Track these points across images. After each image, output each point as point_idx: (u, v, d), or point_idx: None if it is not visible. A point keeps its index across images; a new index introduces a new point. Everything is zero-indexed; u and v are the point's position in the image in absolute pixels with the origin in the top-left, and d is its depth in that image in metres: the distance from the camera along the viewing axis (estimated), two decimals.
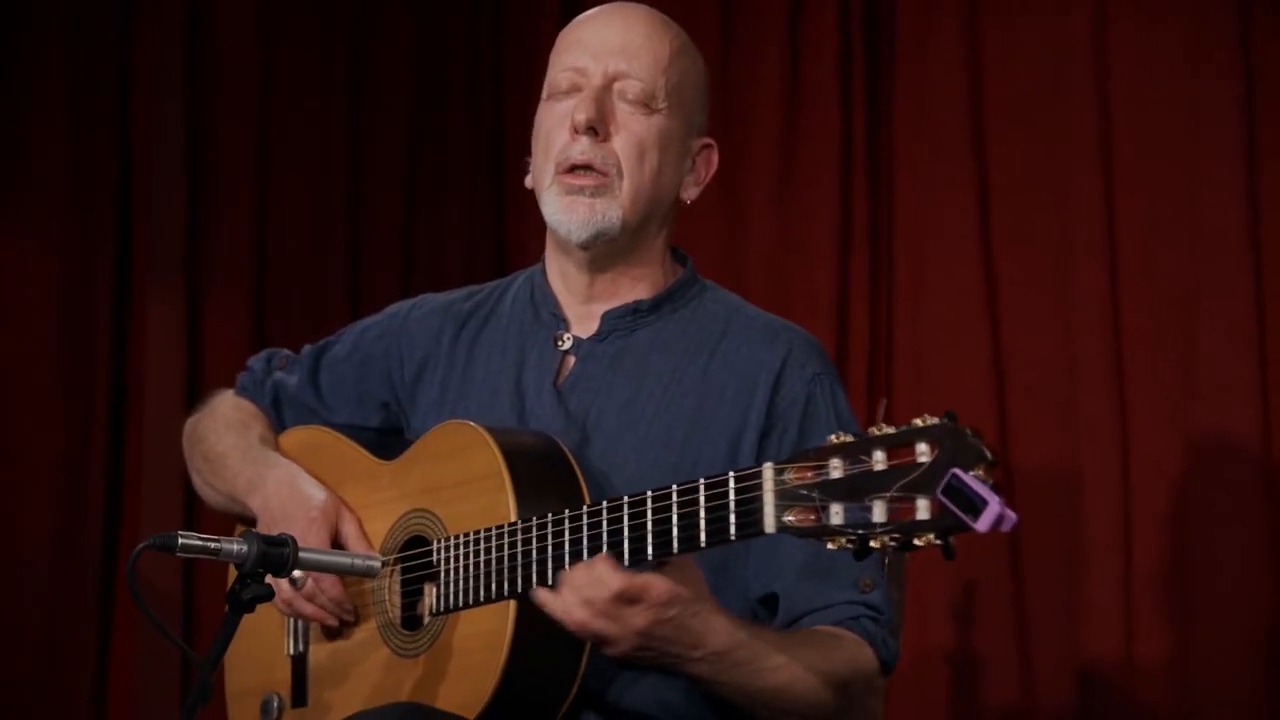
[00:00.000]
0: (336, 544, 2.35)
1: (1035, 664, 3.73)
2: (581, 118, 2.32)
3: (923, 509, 1.75)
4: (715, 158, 2.47)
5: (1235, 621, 3.53)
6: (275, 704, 2.45)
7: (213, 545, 2.09)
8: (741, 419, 2.30)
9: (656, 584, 2.02)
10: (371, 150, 4.38)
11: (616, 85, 2.35)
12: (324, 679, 2.40)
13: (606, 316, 2.40)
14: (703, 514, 1.97)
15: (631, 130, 2.33)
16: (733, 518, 1.94)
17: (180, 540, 2.08)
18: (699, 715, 2.26)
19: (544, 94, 2.42)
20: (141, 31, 4.10)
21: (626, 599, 2.02)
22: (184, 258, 4.10)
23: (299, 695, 2.43)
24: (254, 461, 2.49)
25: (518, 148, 2.50)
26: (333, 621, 2.35)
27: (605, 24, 2.40)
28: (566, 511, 2.11)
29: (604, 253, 2.38)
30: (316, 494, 2.39)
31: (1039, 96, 3.83)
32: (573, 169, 2.33)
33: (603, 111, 2.33)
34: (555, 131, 2.36)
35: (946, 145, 3.90)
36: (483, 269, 4.26)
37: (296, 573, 2.25)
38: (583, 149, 2.33)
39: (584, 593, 2.03)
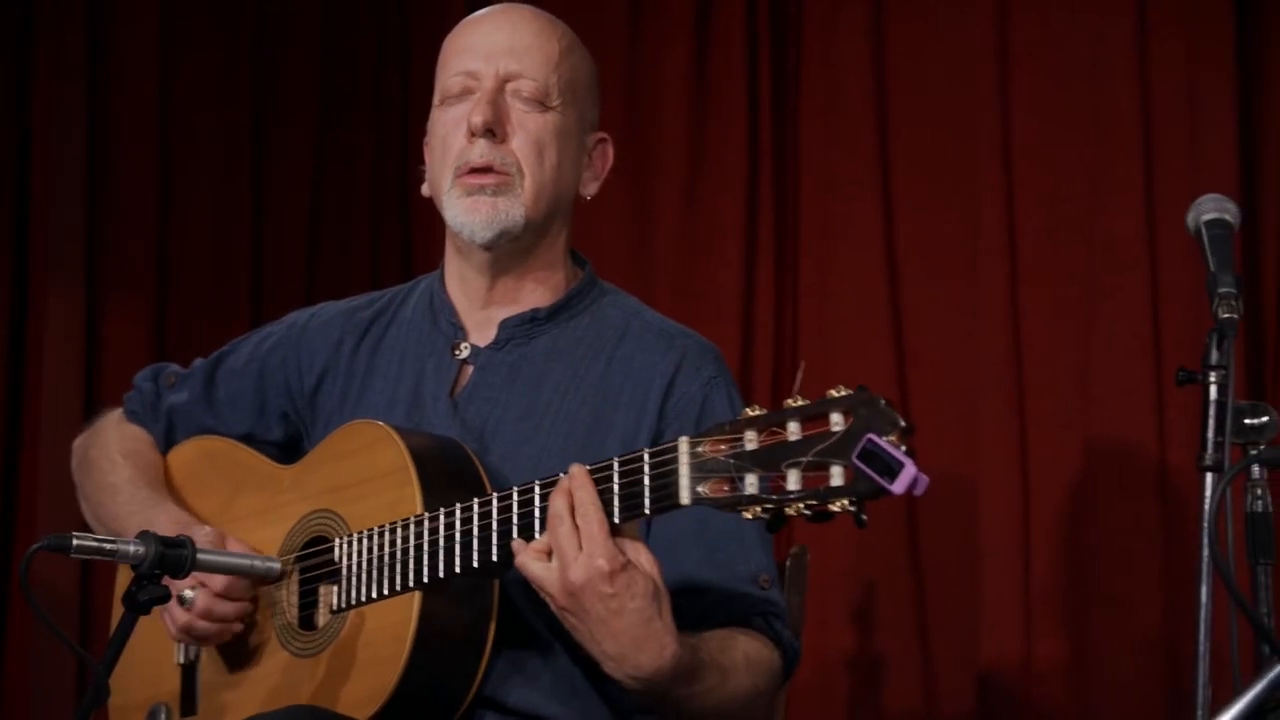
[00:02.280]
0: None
1: (935, 665, 3.75)
2: (478, 120, 2.31)
3: (837, 475, 1.76)
4: (611, 151, 2.47)
5: (1131, 623, 3.57)
6: (163, 715, 2.42)
7: (108, 546, 2.06)
8: (635, 424, 2.30)
9: (607, 545, 1.96)
10: (276, 152, 4.34)
11: (510, 86, 2.34)
12: (217, 686, 2.37)
13: (504, 325, 2.39)
14: (616, 489, 1.97)
15: (528, 129, 2.33)
16: (647, 491, 1.93)
17: (75, 541, 2.05)
18: (596, 715, 2.25)
19: (436, 99, 2.41)
20: (41, 30, 4.05)
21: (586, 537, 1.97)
22: (83, 260, 4.05)
23: (189, 704, 2.40)
24: (142, 503, 2.46)
25: (423, 152, 2.48)
26: (238, 628, 2.32)
27: (493, 26, 2.39)
28: (475, 499, 2.10)
29: (507, 253, 2.37)
30: (204, 529, 2.35)
31: (943, 100, 3.86)
32: (473, 171, 2.32)
33: (499, 113, 2.32)
34: (452, 136, 2.35)
35: (851, 147, 3.93)
36: (389, 272, 4.23)
37: (187, 593, 2.22)
38: (481, 151, 2.32)
39: (556, 515, 1.98)
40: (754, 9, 4.03)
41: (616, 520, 1.97)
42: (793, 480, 1.79)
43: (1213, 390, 2.18)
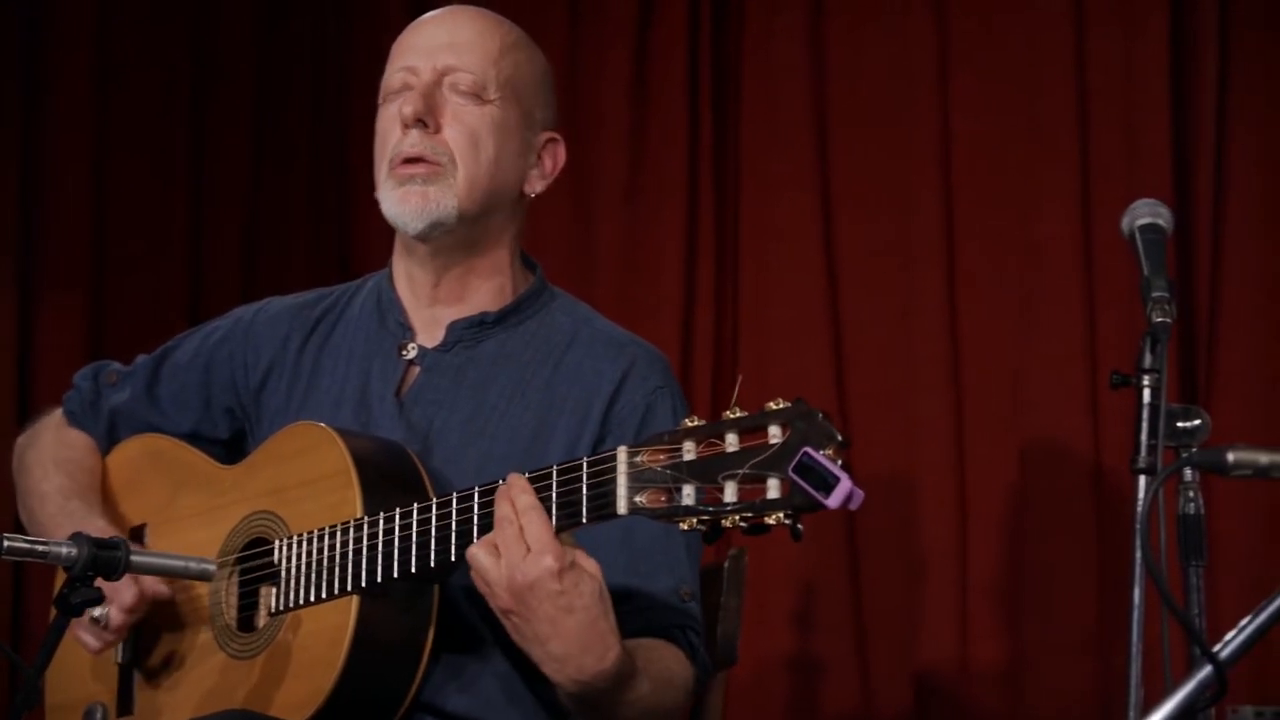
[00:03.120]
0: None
1: (872, 667, 3.77)
2: (408, 110, 2.30)
3: (774, 488, 1.76)
4: (562, 152, 2.45)
5: (1066, 626, 3.60)
6: (99, 714, 2.40)
7: (40, 548, 2.04)
8: (579, 429, 2.29)
9: (556, 546, 1.96)
10: (213, 150, 4.31)
11: (447, 79, 2.33)
12: (154, 687, 2.35)
13: (452, 327, 2.38)
14: (554, 497, 1.97)
15: (463, 120, 2.32)
16: (585, 500, 1.93)
17: (6, 543, 2.03)
18: (535, 717, 2.25)
19: (380, 98, 2.41)
20: None
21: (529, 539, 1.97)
22: (16, 257, 4.01)
23: (125, 704, 2.37)
24: (69, 515, 2.42)
25: (362, 150, 2.47)
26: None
27: (436, 25, 2.40)
28: (415, 504, 2.09)
29: (445, 246, 2.35)
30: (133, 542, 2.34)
31: (881, 104, 3.88)
32: (405, 161, 2.32)
33: (431, 104, 2.32)
34: (389, 131, 2.35)
35: (791, 151, 3.94)
36: (328, 271, 4.21)
37: (96, 611, 2.20)
38: (413, 141, 2.31)
39: (503, 519, 1.98)
40: (695, 12, 4.04)
41: (555, 528, 1.97)
42: (729, 492, 1.79)
43: (1146, 393, 2.19)
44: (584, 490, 1.93)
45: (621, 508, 1.88)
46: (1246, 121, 3.61)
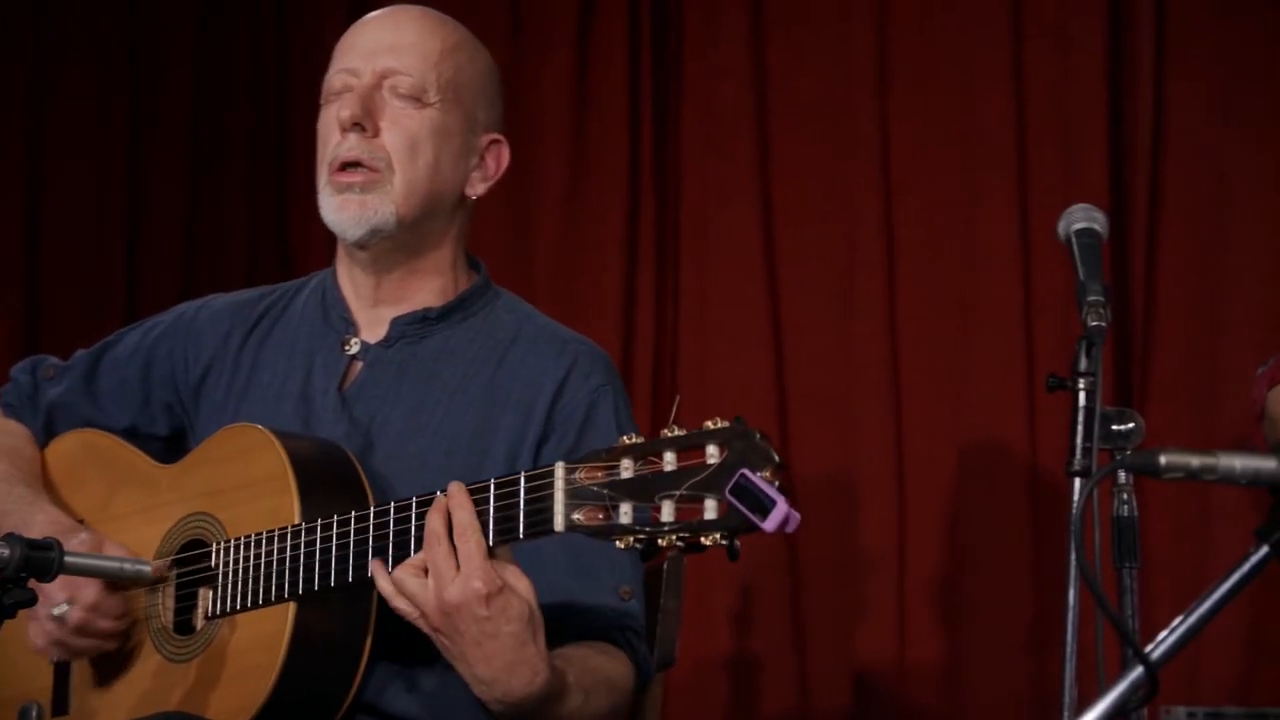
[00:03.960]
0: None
1: (811, 668, 3.78)
2: (346, 114, 2.28)
3: (711, 509, 1.75)
4: (506, 153, 2.44)
5: (1001, 624, 3.63)
6: (34, 713, 2.36)
7: None
8: (522, 427, 2.28)
9: (487, 568, 1.95)
10: (151, 145, 4.29)
11: (387, 82, 2.31)
12: (90, 688, 2.32)
13: (395, 323, 2.37)
14: (492, 513, 1.95)
15: (402, 124, 2.30)
16: (522, 516, 1.92)
17: None
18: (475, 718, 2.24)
19: (321, 99, 2.38)
20: None
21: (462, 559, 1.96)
22: None
23: (60, 704, 2.35)
24: (18, 501, 2.38)
25: (302, 150, 2.46)
26: (111, 645, 2.27)
27: (377, 26, 2.37)
28: (352, 513, 2.08)
29: (385, 250, 2.34)
30: (81, 534, 2.29)
31: (821, 109, 3.90)
32: (343, 167, 2.30)
33: (369, 107, 2.29)
34: (328, 134, 2.33)
35: (732, 155, 3.95)
36: (267, 268, 4.18)
37: (62, 606, 2.17)
38: (350, 145, 2.29)
39: (432, 536, 1.97)
40: (636, 17, 4.04)
41: (490, 543, 1.96)
42: (666, 512, 1.78)
43: (1081, 396, 2.19)
44: (521, 506, 1.92)
45: (559, 525, 1.87)
46: (1181, 130, 3.64)
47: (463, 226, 2.42)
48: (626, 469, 1.82)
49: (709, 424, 1.78)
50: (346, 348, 2.38)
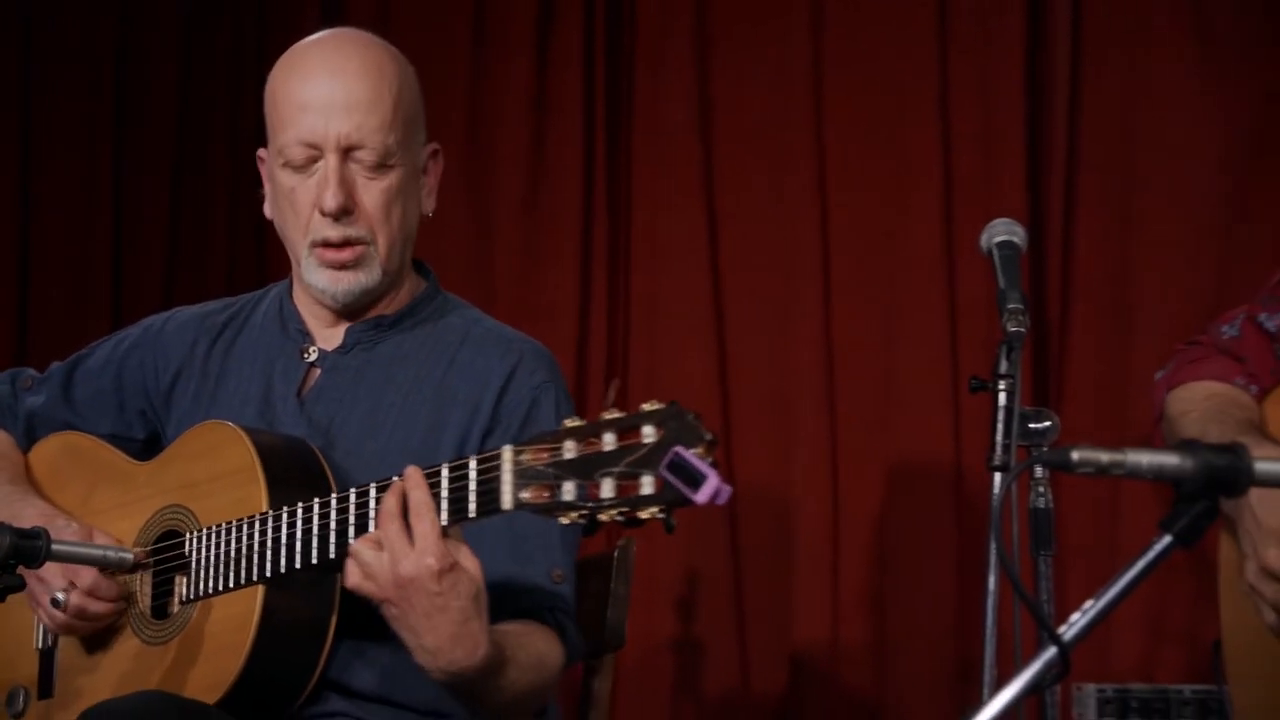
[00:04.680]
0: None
1: (751, 650, 3.78)
2: (333, 206, 2.24)
3: (647, 484, 1.75)
4: (441, 158, 2.41)
5: (927, 609, 3.64)
6: (21, 697, 2.36)
7: None
8: (469, 421, 2.28)
9: (441, 546, 1.96)
10: (135, 167, 4.26)
11: (351, 154, 2.26)
12: (73, 671, 2.31)
13: (351, 331, 2.37)
14: (445, 493, 1.95)
15: (374, 196, 2.27)
16: (473, 496, 1.92)
17: None
18: (436, 698, 2.24)
19: (274, 149, 2.32)
20: None
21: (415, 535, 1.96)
22: None
23: (46, 687, 2.34)
24: (6, 497, 2.38)
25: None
26: (104, 624, 2.26)
27: (328, 82, 2.27)
28: (315, 500, 2.08)
29: (361, 300, 2.35)
30: (71, 523, 2.29)
31: (762, 127, 3.91)
32: (328, 246, 2.28)
33: (348, 190, 2.25)
34: (302, 206, 2.28)
35: (679, 168, 3.95)
36: (244, 279, 4.16)
37: (59, 595, 2.17)
38: (338, 231, 2.26)
39: (386, 513, 1.97)
40: (590, 34, 4.04)
41: (445, 523, 1.96)
42: (607, 488, 1.78)
43: (1001, 397, 2.21)
44: (472, 486, 1.92)
45: (507, 503, 1.87)
46: (1094, 148, 3.66)
47: (413, 240, 2.40)
48: (569, 450, 1.82)
49: (646, 406, 1.78)
50: (305, 355, 2.37)
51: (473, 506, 1.92)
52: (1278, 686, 2.16)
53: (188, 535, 2.21)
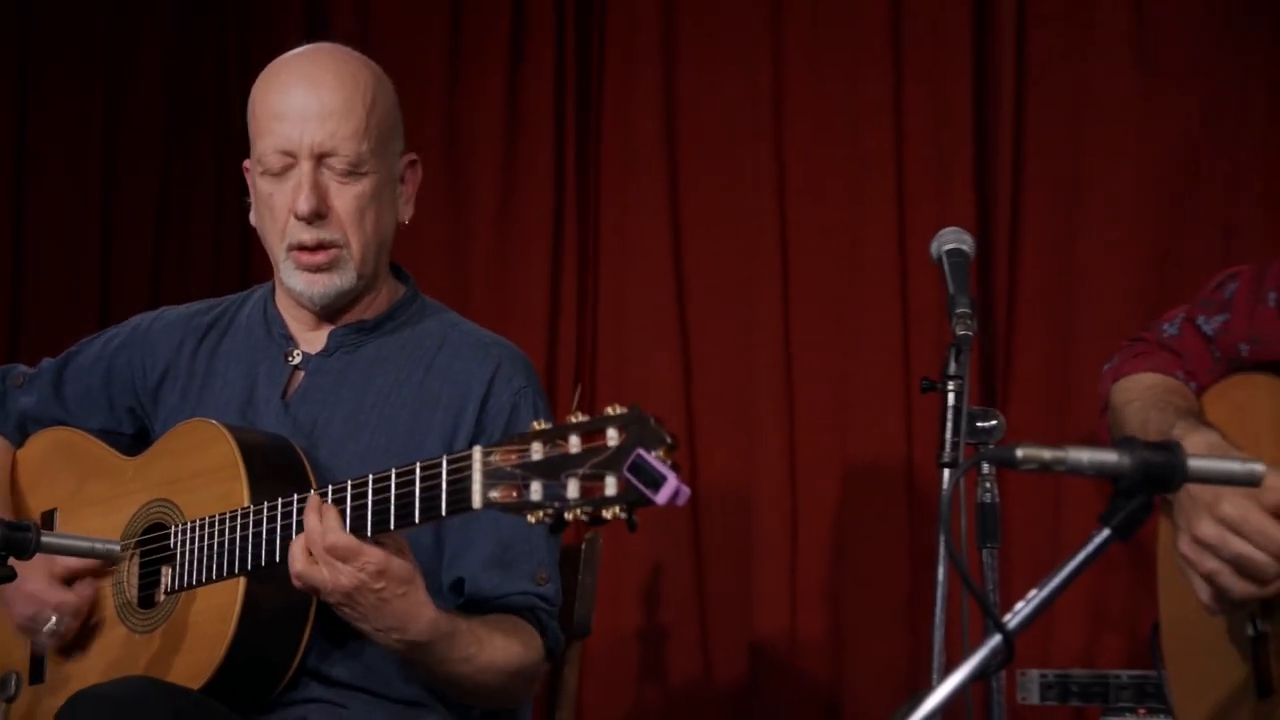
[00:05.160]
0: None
1: (712, 639, 3.78)
2: (306, 210, 2.25)
3: (610, 485, 1.76)
4: (420, 168, 2.41)
5: (880, 599, 3.64)
6: (14, 682, 2.35)
7: None
8: (454, 426, 2.29)
9: (370, 552, 2.01)
10: (125, 169, 4.23)
11: (325, 161, 2.27)
12: (63, 658, 2.31)
13: (333, 335, 2.37)
14: (418, 492, 1.96)
15: (347, 200, 2.28)
16: (444, 495, 1.93)
17: None
18: (413, 690, 2.24)
19: (254, 158, 2.33)
20: None
21: (339, 554, 2.01)
22: None
23: (37, 673, 2.34)
24: None
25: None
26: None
27: (301, 90, 2.29)
28: (295, 495, 2.08)
29: (338, 302, 2.35)
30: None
31: (725, 141, 3.91)
32: (303, 249, 2.29)
33: (321, 195, 2.26)
34: (279, 211, 2.29)
35: (645, 180, 3.95)
36: (229, 283, 4.14)
37: (51, 625, 2.20)
38: (312, 235, 2.27)
39: (310, 538, 2.03)
40: (561, 50, 4.04)
41: (417, 521, 1.97)
42: (572, 489, 1.78)
43: (951, 397, 2.21)
44: (444, 486, 1.93)
45: (476, 502, 1.87)
46: (1040, 161, 3.67)
47: (391, 246, 2.40)
48: (537, 451, 1.82)
49: (610, 410, 1.79)
50: (289, 358, 2.37)
51: (444, 505, 1.93)
52: (1213, 669, 2.18)
53: (173, 528, 2.21)
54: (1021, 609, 1.55)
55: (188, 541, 2.17)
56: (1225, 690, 2.15)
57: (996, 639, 1.52)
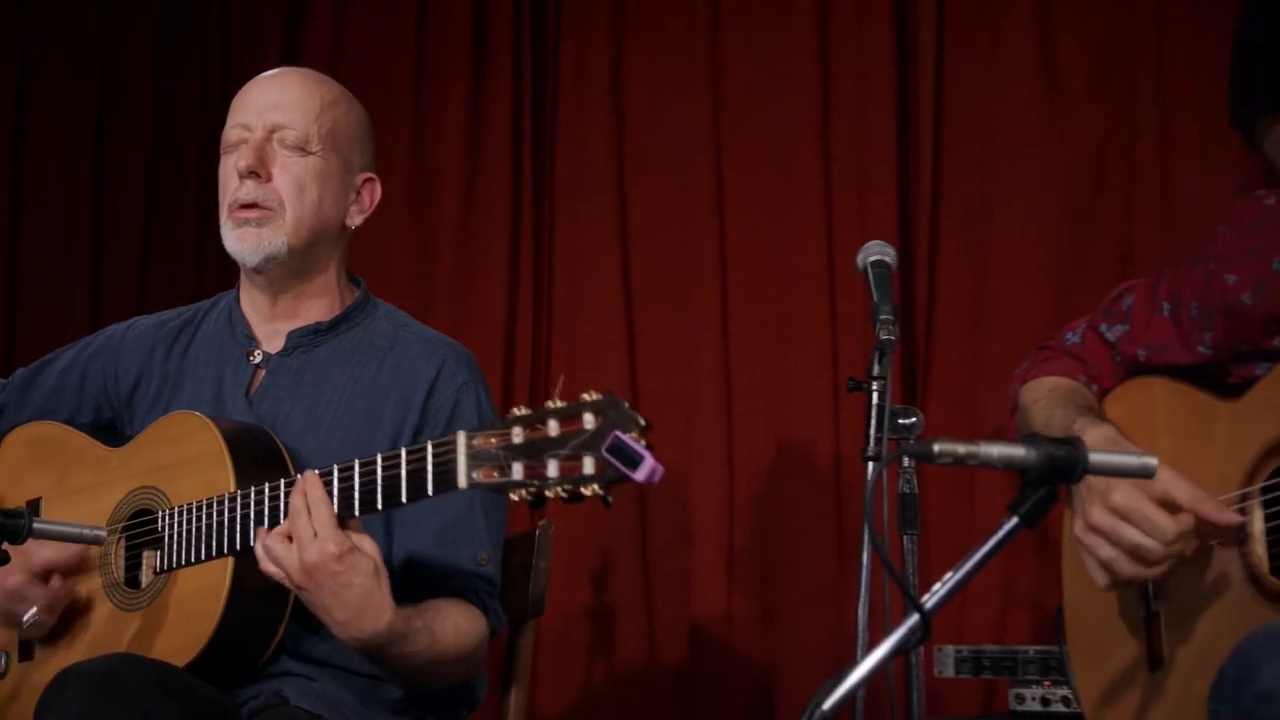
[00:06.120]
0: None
1: (656, 618, 3.78)
2: (243, 164, 2.28)
3: (589, 465, 1.75)
4: (379, 189, 2.41)
5: (810, 583, 3.65)
6: (4, 659, 2.32)
7: None
8: (402, 420, 2.28)
9: (338, 535, 1.98)
10: (114, 184, 4.20)
11: (276, 135, 2.29)
12: (51, 636, 2.28)
13: (291, 335, 2.36)
14: (404, 474, 1.95)
15: (290, 171, 2.29)
16: (430, 476, 1.91)
17: None
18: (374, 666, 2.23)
19: (221, 148, 2.36)
20: None
21: (319, 522, 1.98)
22: None
23: (26, 651, 2.31)
24: None
25: None
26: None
27: (267, 85, 2.36)
28: (282, 480, 2.07)
29: (279, 274, 2.33)
30: None
31: (668, 158, 3.91)
32: (242, 207, 2.29)
33: (262, 157, 2.28)
34: (228, 179, 2.32)
35: (596, 195, 3.95)
36: (212, 283, 4.11)
37: (30, 617, 2.18)
38: (248, 190, 2.28)
39: (295, 518, 2.00)
40: (519, 80, 4.04)
41: (404, 500, 1.96)
42: (552, 469, 1.78)
43: (875, 396, 2.22)
44: (429, 468, 1.92)
45: (461, 482, 1.86)
46: (956, 180, 3.69)
47: (344, 252, 2.41)
48: (518, 435, 1.82)
49: (585, 396, 1.79)
50: (251, 358, 2.36)
51: (430, 484, 1.91)
52: (1110, 645, 2.21)
53: (160, 513, 2.19)
54: (938, 590, 1.56)
55: (177, 525, 2.15)
56: (1121, 664, 2.18)
57: (915, 618, 1.54)
